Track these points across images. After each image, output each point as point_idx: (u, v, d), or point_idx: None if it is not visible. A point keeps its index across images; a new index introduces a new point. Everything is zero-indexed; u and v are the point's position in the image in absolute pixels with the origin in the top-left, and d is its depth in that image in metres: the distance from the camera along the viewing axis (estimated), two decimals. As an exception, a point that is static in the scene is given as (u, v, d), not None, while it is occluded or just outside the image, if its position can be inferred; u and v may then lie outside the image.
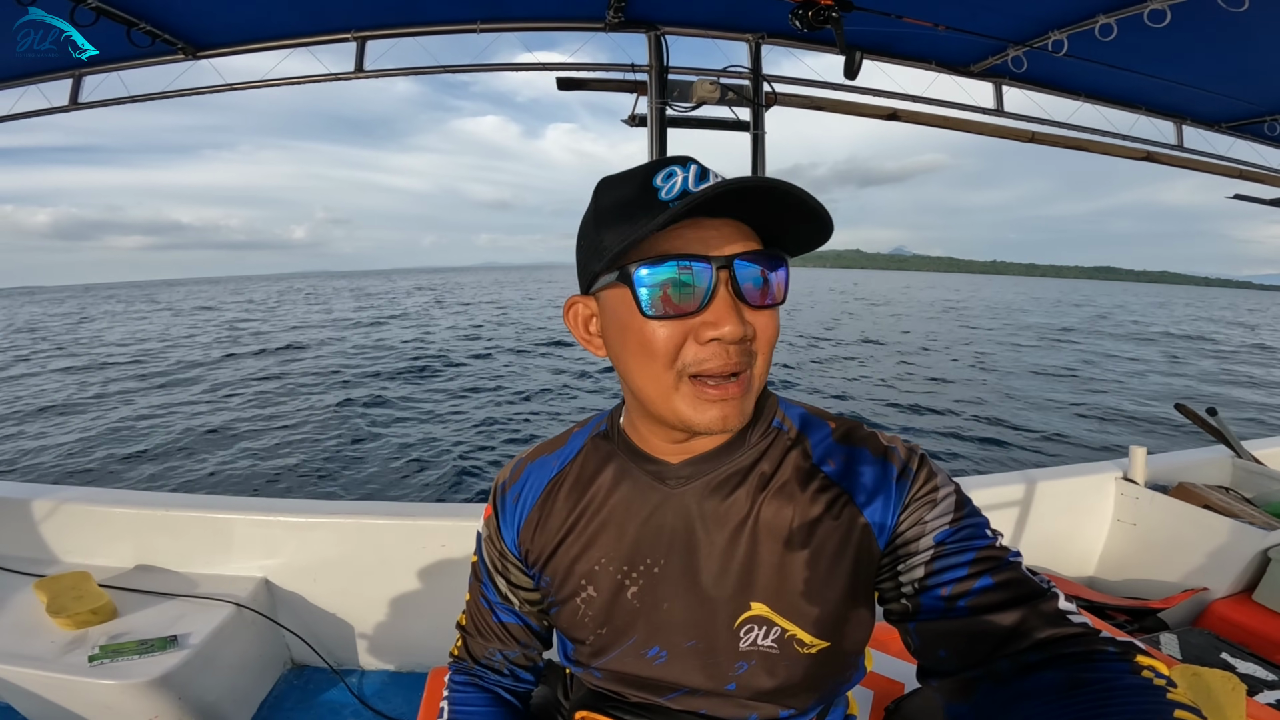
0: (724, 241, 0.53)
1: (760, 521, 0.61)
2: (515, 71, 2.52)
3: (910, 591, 0.57)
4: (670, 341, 0.54)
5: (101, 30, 1.78)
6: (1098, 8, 1.82)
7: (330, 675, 1.79)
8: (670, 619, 0.64)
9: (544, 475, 0.70)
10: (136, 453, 6.96)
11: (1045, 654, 0.49)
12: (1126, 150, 2.56)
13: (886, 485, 0.60)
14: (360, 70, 2.29)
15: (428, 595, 1.74)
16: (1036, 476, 2.37)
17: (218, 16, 1.98)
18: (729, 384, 0.54)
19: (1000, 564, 0.54)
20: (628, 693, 0.70)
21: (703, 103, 2.48)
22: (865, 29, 2.11)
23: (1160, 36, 1.79)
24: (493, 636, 0.77)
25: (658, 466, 0.64)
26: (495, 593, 0.75)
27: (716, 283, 0.53)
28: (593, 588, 0.66)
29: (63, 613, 1.46)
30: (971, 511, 0.58)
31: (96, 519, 1.77)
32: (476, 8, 2.19)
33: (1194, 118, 2.62)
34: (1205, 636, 1.76)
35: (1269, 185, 2.68)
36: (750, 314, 0.54)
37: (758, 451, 0.63)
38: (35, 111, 2.09)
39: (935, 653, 0.55)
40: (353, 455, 6.87)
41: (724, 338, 0.52)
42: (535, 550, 0.69)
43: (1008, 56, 2.20)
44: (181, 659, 1.40)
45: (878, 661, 1.48)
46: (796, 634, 0.61)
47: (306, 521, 1.73)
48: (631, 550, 0.64)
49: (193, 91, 2.21)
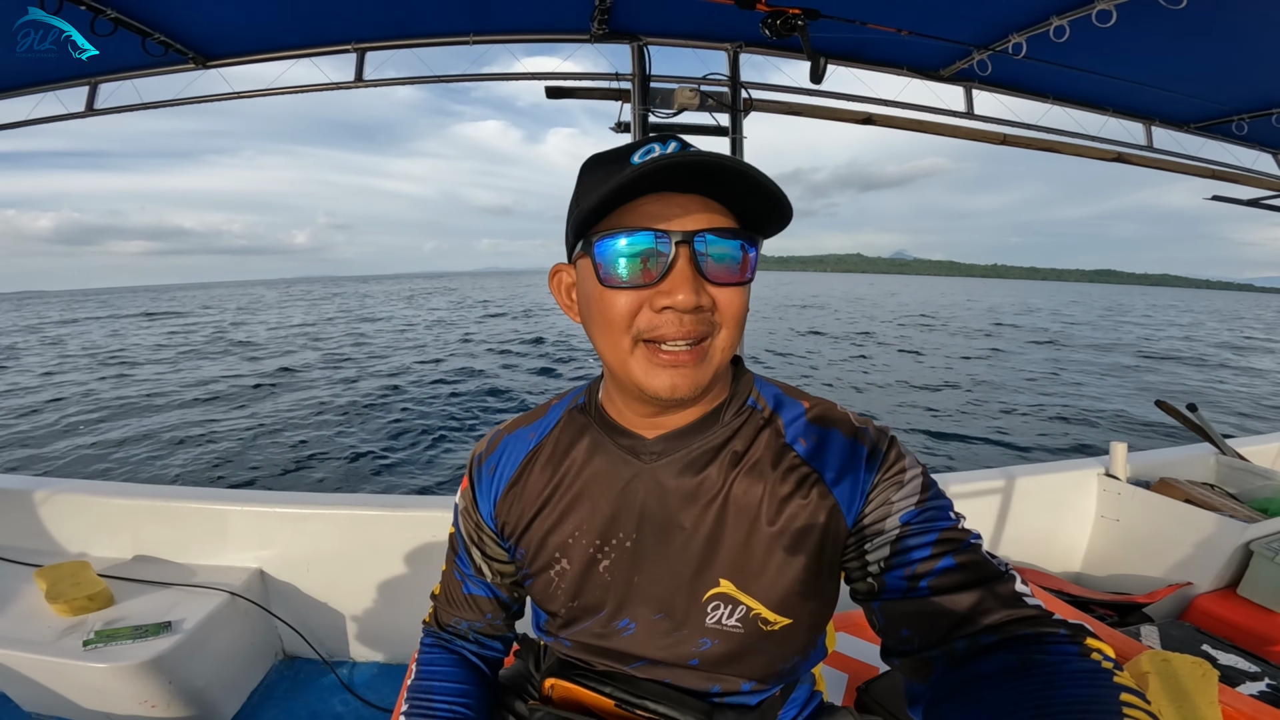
0: (688, 217, 0.55)
1: (730, 499, 0.62)
2: (507, 81, 2.66)
3: (876, 571, 0.59)
4: (627, 308, 0.55)
5: (118, 39, 1.93)
6: (1050, 9, 1.90)
7: (321, 666, 1.81)
8: (640, 592, 0.66)
9: (521, 448, 0.72)
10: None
11: (999, 635, 0.51)
12: (1097, 151, 2.62)
13: (856, 466, 0.61)
14: (360, 80, 2.44)
15: (419, 586, 1.75)
16: (1018, 473, 2.40)
17: (227, 29, 2.13)
18: (682, 351, 0.55)
19: (961, 545, 0.56)
20: (595, 661, 0.73)
21: (684, 109, 2.59)
22: (834, 35, 2.22)
23: (1112, 37, 1.87)
24: (461, 606, 0.79)
25: (632, 441, 0.65)
26: (469, 565, 0.78)
27: (675, 256, 0.54)
28: (566, 560, 0.68)
29: (60, 599, 1.51)
30: (936, 494, 0.60)
31: (96, 510, 1.82)
32: (469, 20, 2.33)
33: (1162, 118, 2.69)
34: (1186, 629, 1.77)
35: (1242, 185, 2.72)
36: (712, 289, 0.55)
37: (730, 429, 0.64)
38: (53, 117, 2.25)
39: (898, 631, 0.57)
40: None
41: (676, 305, 0.54)
42: (511, 522, 0.71)
43: (973, 60, 2.29)
44: (173, 643, 1.44)
45: (851, 645, 1.50)
46: (761, 612, 0.63)
47: (301, 513, 1.76)
48: (604, 524, 0.66)
49: (202, 99, 2.36)
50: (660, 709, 0.68)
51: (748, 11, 2.01)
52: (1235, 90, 2.37)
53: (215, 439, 7.59)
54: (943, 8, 2.04)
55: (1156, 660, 1.19)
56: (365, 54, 2.39)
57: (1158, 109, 2.64)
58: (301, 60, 2.36)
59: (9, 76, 2.14)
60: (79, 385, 11.78)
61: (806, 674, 0.80)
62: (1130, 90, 2.36)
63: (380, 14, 2.23)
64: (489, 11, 2.28)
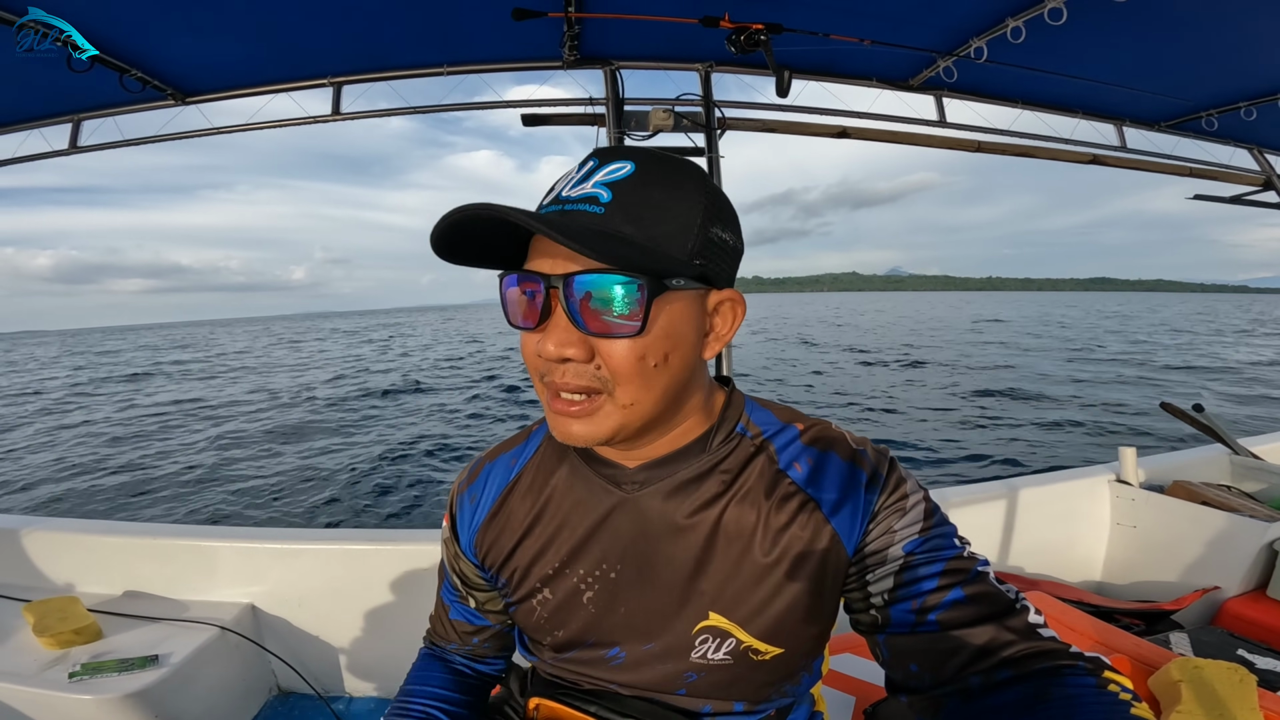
0: (564, 258, 0.49)
1: (720, 529, 0.60)
2: (481, 110, 2.71)
3: (880, 603, 0.56)
4: (528, 349, 0.54)
5: (95, 76, 1.97)
6: (1005, 11, 1.94)
7: (316, 701, 1.77)
8: (626, 623, 0.64)
9: (502, 477, 0.70)
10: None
11: (1014, 670, 0.49)
12: (1072, 154, 2.64)
13: (855, 492, 0.58)
14: (337, 113, 2.49)
15: (413, 618, 1.74)
16: (1028, 483, 2.36)
17: (203, 65, 2.19)
18: (571, 403, 0.53)
19: (969, 576, 0.54)
20: (581, 680, 0.70)
21: (659, 130, 2.63)
22: (801, 49, 2.26)
23: (1068, 36, 1.91)
24: (449, 630, 0.80)
25: (612, 470, 0.63)
26: (454, 592, 0.77)
27: (549, 300, 0.51)
28: (548, 590, 0.66)
29: (47, 633, 1.50)
30: (940, 520, 0.58)
31: (87, 547, 1.83)
32: (442, 52, 2.39)
33: (1132, 118, 2.71)
34: (1219, 635, 1.68)
35: (1222, 182, 2.73)
36: (594, 340, 0.50)
37: (718, 457, 0.61)
38: (37, 155, 2.28)
39: (906, 666, 0.55)
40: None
41: (545, 355, 0.51)
42: (492, 553, 0.69)
43: (939, 68, 2.33)
44: (159, 676, 1.43)
45: (856, 666, 1.39)
46: (752, 644, 0.60)
47: (292, 548, 1.77)
48: (586, 555, 0.64)
49: (184, 135, 2.41)
50: None
51: (714, 30, 2.06)
52: (1199, 86, 2.41)
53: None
54: (902, 15, 2.09)
55: (1188, 668, 1.11)
56: (342, 88, 2.44)
57: (1127, 109, 2.68)
58: (280, 95, 2.41)
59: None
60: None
61: (805, 695, 0.75)
62: (1097, 91, 2.39)
63: (355, 48, 2.29)
64: (461, 43, 2.34)
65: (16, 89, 1.90)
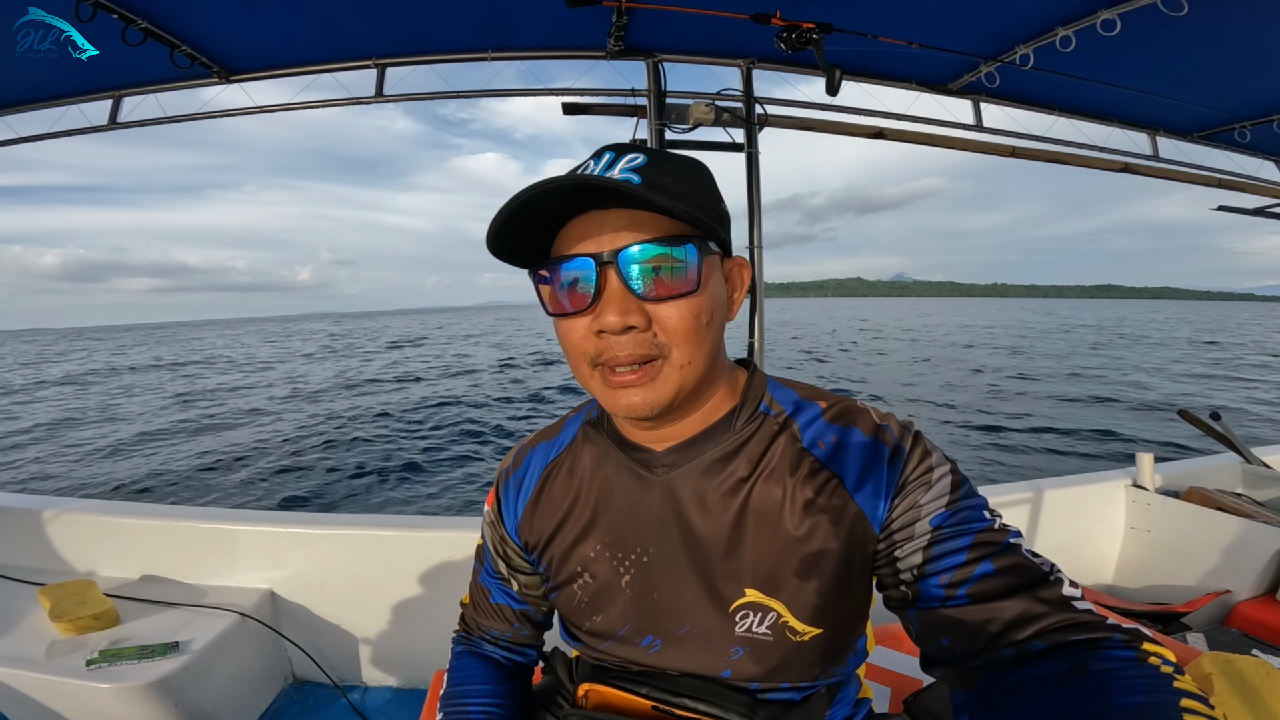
0: (611, 235, 0.53)
1: (749, 507, 0.61)
2: (525, 96, 2.71)
3: (909, 579, 0.56)
4: (575, 335, 0.56)
5: (145, 50, 1.97)
6: (1055, 20, 1.96)
7: (332, 690, 1.75)
8: (660, 607, 0.65)
9: (542, 462, 0.73)
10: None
11: (1049, 641, 0.48)
12: (1105, 163, 2.67)
13: (878, 468, 0.58)
14: (380, 95, 2.48)
15: (434, 609, 1.71)
16: (1044, 485, 2.39)
17: (252, 43, 2.18)
18: (630, 372, 0.55)
19: (1000, 548, 0.53)
20: (629, 664, 0.71)
21: (699, 124, 2.63)
22: (846, 49, 2.27)
23: (1117, 46, 1.92)
24: (490, 615, 0.80)
25: (643, 454, 0.65)
26: (497, 575, 0.78)
27: (601, 279, 0.53)
28: (588, 574, 0.68)
29: (64, 618, 1.46)
30: (968, 492, 0.57)
31: (104, 530, 1.78)
32: (487, 38, 2.39)
33: (1166, 128, 2.74)
34: (1233, 635, 1.74)
35: (1248, 193, 2.76)
36: (651, 306, 0.54)
37: (743, 436, 0.63)
38: (74, 130, 2.27)
39: (938, 640, 0.54)
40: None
41: (606, 329, 0.53)
42: (534, 536, 0.72)
43: (981, 73, 2.35)
44: (180, 664, 1.39)
45: (892, 659, 1.44)
46: (789, 621, 0.61)
47: (314, 533, 1.73)
48: (622, 538, 0.66)
49: (224, 113, 2.40)
50: (701, 706, 0.65)
51: (762, 27, 2.07)
52: (1236, 97, 2.43)
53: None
54: (951, 20, 2.10)
55: (1219, 661, 1.15)
56: (385, 69, 2.43)
57: (1162, 118, 2.70)
58: (317, 80, 2.40)
59: (36, 88, 2.18)
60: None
61: (852, 675, 0.77)
62: (1135, 100, 2.41)
63: (400, 31, 2.28)
64: (506, 29, 2.33)
65: (63, 63, 1.89)
